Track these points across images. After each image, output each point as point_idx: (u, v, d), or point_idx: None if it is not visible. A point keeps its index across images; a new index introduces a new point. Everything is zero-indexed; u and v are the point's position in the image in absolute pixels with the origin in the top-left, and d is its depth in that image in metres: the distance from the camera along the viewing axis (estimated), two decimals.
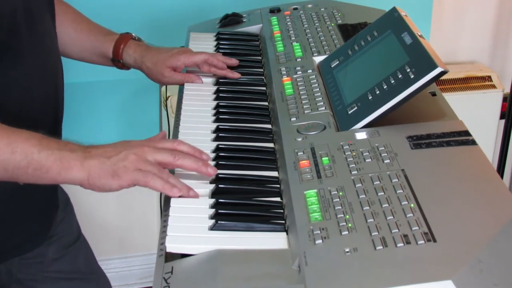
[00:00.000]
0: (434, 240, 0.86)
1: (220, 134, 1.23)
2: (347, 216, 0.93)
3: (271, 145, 1.22)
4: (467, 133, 1.10)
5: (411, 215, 0.91)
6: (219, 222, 0.99)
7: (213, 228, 0.98)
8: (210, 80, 1.44)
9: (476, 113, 2.45)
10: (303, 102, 1.27)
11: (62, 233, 1.41)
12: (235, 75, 1.43)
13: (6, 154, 0.98)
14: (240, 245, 0.96)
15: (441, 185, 0.98)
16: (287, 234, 0.98)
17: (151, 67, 1.41)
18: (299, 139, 1.15)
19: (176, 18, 2.15)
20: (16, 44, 1.12)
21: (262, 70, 1.50)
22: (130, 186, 1.01)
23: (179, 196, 1.04)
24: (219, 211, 1.01)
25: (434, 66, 1.10)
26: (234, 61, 1.45)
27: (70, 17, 1.42)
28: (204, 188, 1.07)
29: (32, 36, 1.16)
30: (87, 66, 1.58)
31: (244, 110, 1.33)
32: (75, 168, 0.99)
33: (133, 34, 1.46)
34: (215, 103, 1.35)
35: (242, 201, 1.05)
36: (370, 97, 1.17)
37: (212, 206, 1.03)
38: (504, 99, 2.49)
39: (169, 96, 2.12)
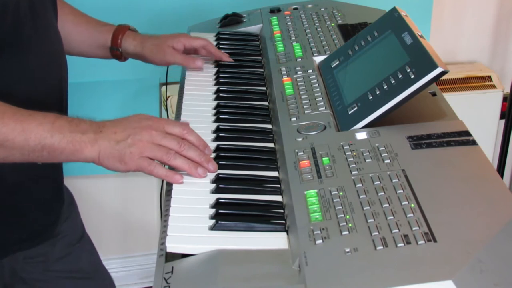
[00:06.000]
0: (434, 240, 0.86)
1: (220, 134, 1.23)
2: (348, 216, 0.93)
3: (271, 145, 1.22)
4: (467, 133, 1.09)
5: (412, 215, 0.91)
6: (219, 222, 0.99)
7: (213, 228, 0.98)
8: (210, 80, 1.44)
9: (476, 113, 2.46)
10: (303, 102, 1.27)
11: (66, 232, 1.41)
12: (230, 59, 1.50)
13: (21, 142, 1.04)
14: (240, 245, 0.95)
15: (441, 185, 0.98)
16: (287, 234, 0.98)
17: (153, 49, 1.45)
18: (299, 139, 1.15)
19: (176, 18, 2.15)
20: (20, 37, 1.14)
21: (262, 70, 1.50)
22: (137, 171, 1.08)
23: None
24: (219, 211, 1.01)
25: (434, 66, 1.10)
26: (230, 60, 1.51)
27: (66, 11, 1.44)
28: (205, 188, 1.07)
29: (36, 29, 1.18)
30: (87, 67, 1.58)
31: (244, 110, 1.33)
32: (86, 150, 1.06)
33: (130, 26, 1.48)
34: (215, 103, 1.35)
35: (243, 201, 1.05)
36: (370, 97, 1.17)
37: (212, 206, 1.03)
38: (504, 99, 2.49)
39: (169, 96, 2.12)
